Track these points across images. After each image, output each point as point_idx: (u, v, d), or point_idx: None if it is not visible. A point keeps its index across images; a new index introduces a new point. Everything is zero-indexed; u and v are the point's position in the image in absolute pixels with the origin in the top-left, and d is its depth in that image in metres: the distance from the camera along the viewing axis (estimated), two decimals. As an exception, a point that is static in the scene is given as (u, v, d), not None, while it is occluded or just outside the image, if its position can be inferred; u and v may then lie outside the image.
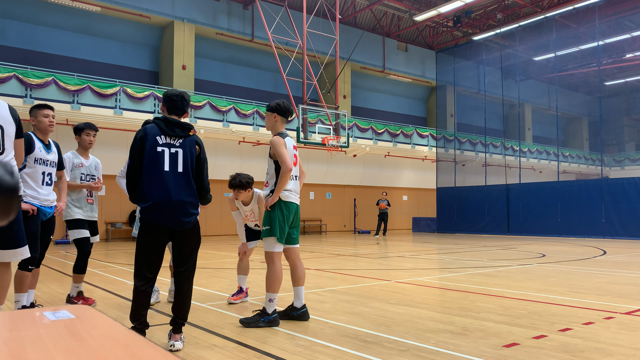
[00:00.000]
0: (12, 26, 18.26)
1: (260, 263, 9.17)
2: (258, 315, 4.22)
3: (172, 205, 3.42)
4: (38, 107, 4.49)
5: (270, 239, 4.30)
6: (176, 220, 3.45)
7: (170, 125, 3.52)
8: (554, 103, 22.29)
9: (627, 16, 22.71)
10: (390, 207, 20.62)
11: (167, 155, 3.47)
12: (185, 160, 3.52)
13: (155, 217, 3.42)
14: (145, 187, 3.43)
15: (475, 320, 4.38)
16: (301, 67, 20.57)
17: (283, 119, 4.49)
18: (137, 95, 17.43)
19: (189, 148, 3.54)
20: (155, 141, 3.47)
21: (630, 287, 6.35)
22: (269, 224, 4.29)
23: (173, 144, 3.51)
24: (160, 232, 3.46)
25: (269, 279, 4.30)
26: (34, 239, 4.25)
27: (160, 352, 0.96)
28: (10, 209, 0.80)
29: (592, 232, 18.26)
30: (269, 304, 4.24)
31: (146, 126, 3.56)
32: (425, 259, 10.73)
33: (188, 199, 3.50)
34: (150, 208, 3.41)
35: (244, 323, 4.20)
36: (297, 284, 4.50)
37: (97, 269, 8.81)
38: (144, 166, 3.45)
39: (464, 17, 25.22)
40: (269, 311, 4.22)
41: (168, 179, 3.44)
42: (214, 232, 20.69)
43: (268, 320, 4.18)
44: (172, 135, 3.51)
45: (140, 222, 3.52)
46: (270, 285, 4.29)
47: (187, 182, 3.51)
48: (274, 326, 4.19)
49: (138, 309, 3.45)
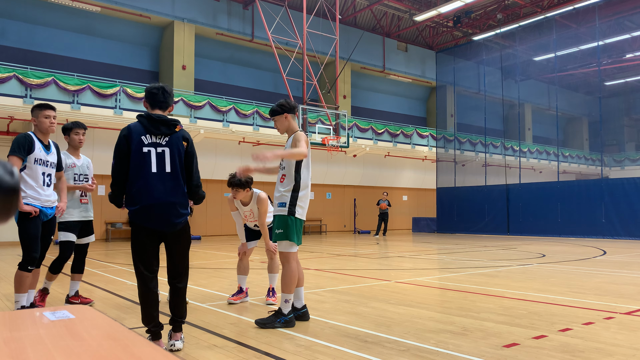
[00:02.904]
0: (12, 26, 18.25)
1: (260, 263, 9.17)
2: (274, 316, 4.20)
3: (161, 208, 3.35)
4: (40, 107, 4.43)
5: (285, 241, 4.29)
6: (166, 222, 3.39)
7: (155, 123, 3.40)
8: (554, 103, 22.29)
9: (627, 16, 22.71)
10: (390, 207, 20.62)
11: (154, 155, 3.37)
12: (173, 160, 3.42)
13: (145, 221, 3.36)
14: (132, 190, 3.35)
15: (475, 320, 4.38)
16: (301, 67, 20.58)
17: (293, 115, 4.51)
18: (137, 96, 17.43)
19: (176, 146, 3.44)
20: (140, 141, 3.36)
21: (630, 287, 6.35)
22: (283, 228, 4.24)
23: (159, 143, 3.41)
24: (151, 234, 3.41)
25: (285, 280, 4.28)
26: (34, 240, 4.25)
27: (160, 352, 0.96)
28: (10, 209, 0.80)
29: (592, 232, 18.25)
30: (285, 305, 4.22)
31: (130, 125, 3.44)
32: (425, 259, 10.73)
33: (177, 199, 3.43)
34: (138, 211, 3.34)
35: (260, 324, 4.16)
36: (298, 285, 4.50)
37: (97, 269, 8.81)
38: (131, 168, 3.36)
39: (464, 17, 25.22)
40: (285, 312, 4.20)
41: (156, 181, 3.35)
42: (214, 232, 20.69)
43: (284, 320, 4.17)
44: (158, 134, 3.40)
45: (130, 226, 3.46)
46: (286, 285, 4.27)
47: (176, 182, 3.43)
48: (290, 327, 4.16)
49: (148, 310, 3.42)
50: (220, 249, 13.45)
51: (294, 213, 4.24)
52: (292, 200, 4.24)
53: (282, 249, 4.31)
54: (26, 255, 4.24)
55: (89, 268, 8.82)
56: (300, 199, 4.27)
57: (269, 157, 3.96)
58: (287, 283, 4.26)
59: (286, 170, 4.32)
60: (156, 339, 3.46)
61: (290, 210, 4.23)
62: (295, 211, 4.24)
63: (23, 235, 4.22)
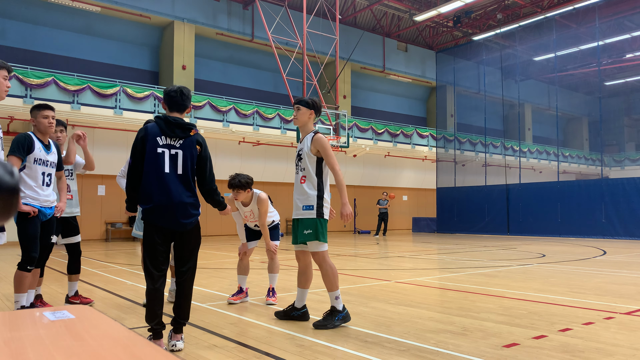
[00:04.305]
0: (12, 26, 18.25)
1: (260, 263, 9.17)
2: (330, 316, 4.20)
3: (173, 207, 3.44)
4: (38, 107, 4.44)
5: (314, 241, 4.30)
6: (177, 222, 3.47)
7: (171, 125, 3.51)
8: (554, 103, 22.28)
9: (627, 16, 22.69)
10: (389, 207, 20.62)
11: (167, 156, 3.48)
12: (185, 162, 3.52)
13: (157, 219, 3.45)
14: (146, 189, 3.46)
15: (475, 320, 4.38)
16: (301, 67, 20.58)
17: (316, 117, 4.55)
18: (137, 96, 17.43)
19: (189, 149, 3.54)
20: (155, 142, 3.47)
21: (630, 287, 6.35)
22: (312, 229, 4.26)
23: (173, 145, 3.51)
24: (163, 233, 3.49)
25: (327, 279, 4.29)
26: (33, 240, 4.25)
27: (160, 352, 0.96)
28: (11, 209, 0.80)
29: (592, 232, 18.25)
30: (337, 302, 4.24)
31: (147, 125, 3.56)
32: (425, 259, 10.73)
33: (189, 200, 3.52)
34: (151, 210, 3.44)
35: (319, 326, 4.14)
36: (303, 287, 4.50)
37: (97, 269, 8.81)
38: (145, 167, 3.47)
39: (464, 17, 25.22)
40: (340, 308, 4.23)
41: (169, 181, 3.45)
42: (214, 232, 20.69)
43: (342, 317, 4.20)
44: (173, 136, 3.51)
45: (144, 223, 3.55)
46: (331, 284, 4.29)
47: (187, 183, 3.53)
48: (347, 321, 4.24)
49: (153, 308, 3.46)
50: (220, 249, 13.44)
51: (322, 215, 4.31)
52: (319, 202, 4.30)
53: (313, 249, 4.33)
54: (25, 255, 4.24)
55: (89, 268, 8.82)
56: (325, 199, 4.35)
57: (349, 210, 4.28)
58: (331, 281, 4.29)
59: (306, 172, 4.35)
60: (157, 338, 3.48)
61: (319, 213, 4.29)
62: (323, 213, 4.31)
63: (22, 235, 4.22)
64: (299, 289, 4.50)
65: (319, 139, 4.33)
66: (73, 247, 5.28)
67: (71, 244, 5.27)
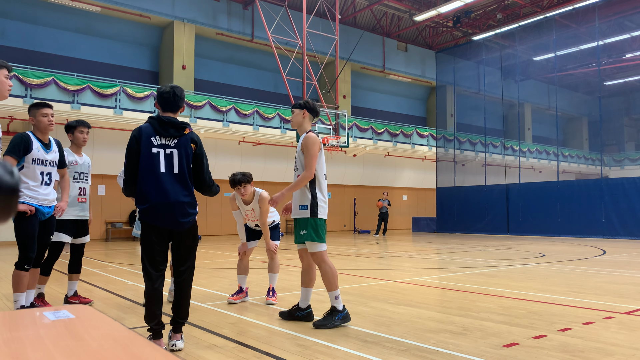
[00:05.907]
0: (12, 26, 18.25)
1: (260, 263, 9.17)
2: (330, 316, 4.21)
3: (169, 207, 3.44)
4: (36, 106, 4.41)
5: (311, 242, 4.30)
6: (174, 221, 3.47)
7: (164, 125, 3.51)
8: (554, 103, 22.28)
9: (627, 16, 22.69)
10: (390, 207, 20.61)
11: (163, 156, 3.48)
12: (181, 161, 3.52)
13: (154, 219, 3.45)
14: (142, 189, 3.46)
15: (475, 320, 4.38)
16: (301, 67, 20.57)
17: (311, 116, 4.53)
18: (137, 95, 17.43)
19: (184, 148, 3.54)
20: (150, 142, 3.48)
21: (630, 287, 6.35)
22: (307, 229, 4.27)
23: (168, 144, 3.51)
24: (160, 233, 3.49)
25: (326, 279, 4.29)
26: (31, 239, 4.23)
27: (160, 352, 0.96)
28: (11, 209, 0.80)
29: (592, 232, 18.25)
30: (337, 302, 4.24)
31: (141, 126, 3.56)
32: (425, 258, 10.73)
33: (186, 199, 3.52)
34: (148, 210, 3.44)
35: (319, 326, 4.15)
36: (307, 286, 4.50)
37: (97, 269, 8.81)
38: (140, 168, 3.46)
39: (464, 17, 25.21)
40: (340, 308, 4.23)
41: (165, 181, 3.45)
42: (214, 232, 20.69)
43: (342, 317, 4.20)
44: (167, 136, 3.51)
45: (141, 223, 3.55)
46: (330, 283, 4.29)
47: (184, 182, 3.53)
48: (348, 321, 4.24)
49: (152, 308, 3.46)
50: (220, 249, 13.44)
51: (317, 214, 4.29)
52: (314, 201, 4.29)
53: (311, 250, 4.33)
54: (23, 254, 4.23)
55: (89, 268, 8.83)
56: (319, 198, 4.33)
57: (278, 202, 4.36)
58: (330, 281, 4.29)
59: (300, 172, 4.36)
60: (157, 338, 3.48)
61: (313, 212, 4.28)
62: (318, 212, 4.30)
63: (19, 235, 4.21)
64: (303, 288, 4.50)
65: (305, 138, 4.35)
66: (78, 247, 5.29)
67: (78, 244, 5.28)
